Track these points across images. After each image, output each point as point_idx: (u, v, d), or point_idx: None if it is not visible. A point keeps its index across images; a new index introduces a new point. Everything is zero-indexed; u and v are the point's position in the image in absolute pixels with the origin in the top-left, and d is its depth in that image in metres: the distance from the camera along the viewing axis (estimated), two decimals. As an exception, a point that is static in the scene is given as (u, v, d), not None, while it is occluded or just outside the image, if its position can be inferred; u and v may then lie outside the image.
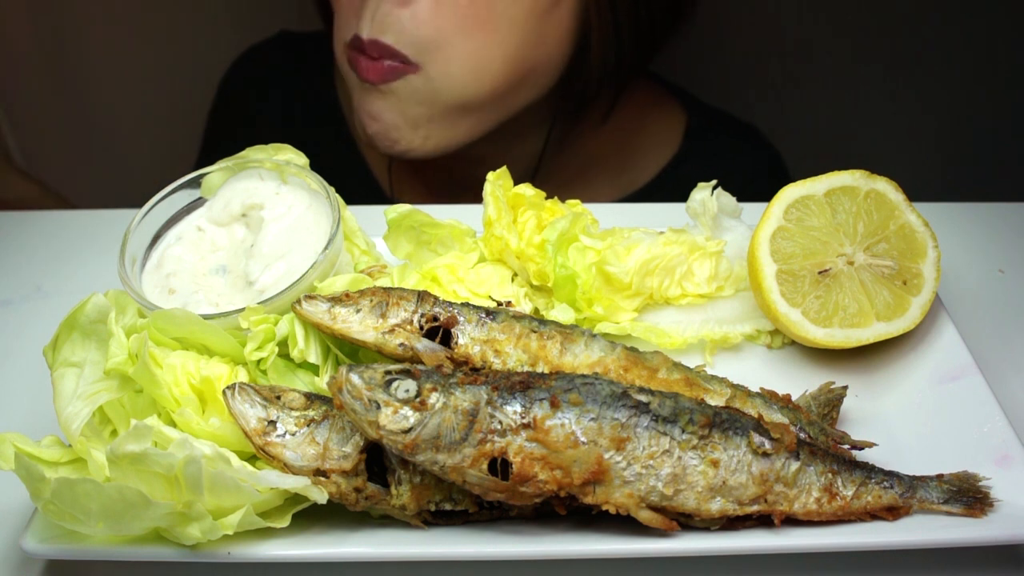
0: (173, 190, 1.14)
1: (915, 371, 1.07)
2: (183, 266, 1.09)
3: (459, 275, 1.12)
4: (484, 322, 0.99)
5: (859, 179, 1.13)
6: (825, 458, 0.90)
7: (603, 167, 1.74)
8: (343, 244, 1.11)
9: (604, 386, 0.88)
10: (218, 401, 0.92)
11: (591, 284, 1.12)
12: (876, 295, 1.08)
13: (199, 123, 1.95)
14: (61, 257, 1.37)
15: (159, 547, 0.85)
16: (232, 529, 0.83)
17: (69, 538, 0.86)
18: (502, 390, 0.86)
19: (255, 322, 0.99)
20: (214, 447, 0.85)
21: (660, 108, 1.76)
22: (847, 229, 1.11)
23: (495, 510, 0.90)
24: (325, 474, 0.88)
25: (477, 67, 1.44)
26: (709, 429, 0.88)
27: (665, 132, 1.74)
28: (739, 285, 1.17)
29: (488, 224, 1.14)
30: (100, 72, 2.23)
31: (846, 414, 1.04)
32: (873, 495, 0.89)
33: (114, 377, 0.92)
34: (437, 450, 0.84)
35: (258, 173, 1.15)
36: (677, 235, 1.16)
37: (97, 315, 0.93)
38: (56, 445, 0.92)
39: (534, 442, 0.84)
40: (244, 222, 1.12)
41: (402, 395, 0.85)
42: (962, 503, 0.89)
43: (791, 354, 1.13)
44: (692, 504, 0.86)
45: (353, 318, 0.98)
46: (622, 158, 1.73)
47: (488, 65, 1.44)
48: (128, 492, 0.79)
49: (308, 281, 1.03)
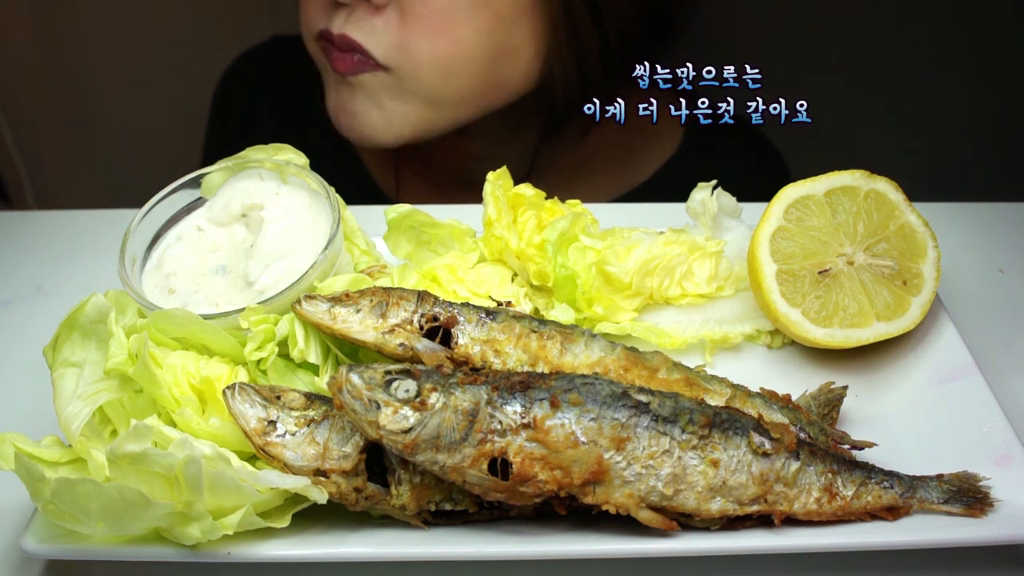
0: (173, 190, 1.14)
1: (915, 371, 1.07)
2: (183, 266, 1.09)
3: (459, 275, 1.12)
4: (484, 322, 0.99)
5: (859, 179, 1.13)
6: (825, 458, 0.90)
7: (603, 165, 1.73)
8: (343, 244, 1.11)
9: (604, 386, 0.88)
10: (218, 401, 0.92)
11: (591, 284, 1.12)
12: (876, 295, 1.08)
13: (200, 123, 1.95)
14: (61, 257, 1.37)
15: (159, 547, 0.85)
16: (232, 529, 0.83)
17: (69, 538, 0.85)
18: (502, 390, 0.86)
19: (255, 322, 0.99)
20: (214, 447, 0.85)
21: None
22: (847, 229, 1.11)
23: (495, 510, 0.90)
24: (325, 474, 0.88)
25: (445, 72, 1.46)
26: (709, 429, 0.88)
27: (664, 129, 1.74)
28: (739, 285, 1.17)
29: (488, 224, 1.14)
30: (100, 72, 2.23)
31: (846, 414, 1.04)
32: (873, 495, 0.89)
33: (114, 377, 0.92)
34: (437, 450, 0.84)
35: (258, 173, 1.15)
36: (677, 235, 1.16)
37: (97, 315, 0.93)
38: (56, 445, 0.92)
39: (534, 442, 0.84)
40: (244, 222, 1.12)
41: (402, 395, 0.85)
42: (962, 503, 0.89)
43: (791, 354, 1.13)
44: (692, 504, 0.86)
45: (353, 318, 0.98)
46: (621, 155, 1.73)
47: (456, 71, 1.47)
48: (128, 492, 0.79)
49: (308, 281, 1.03)
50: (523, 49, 1.49)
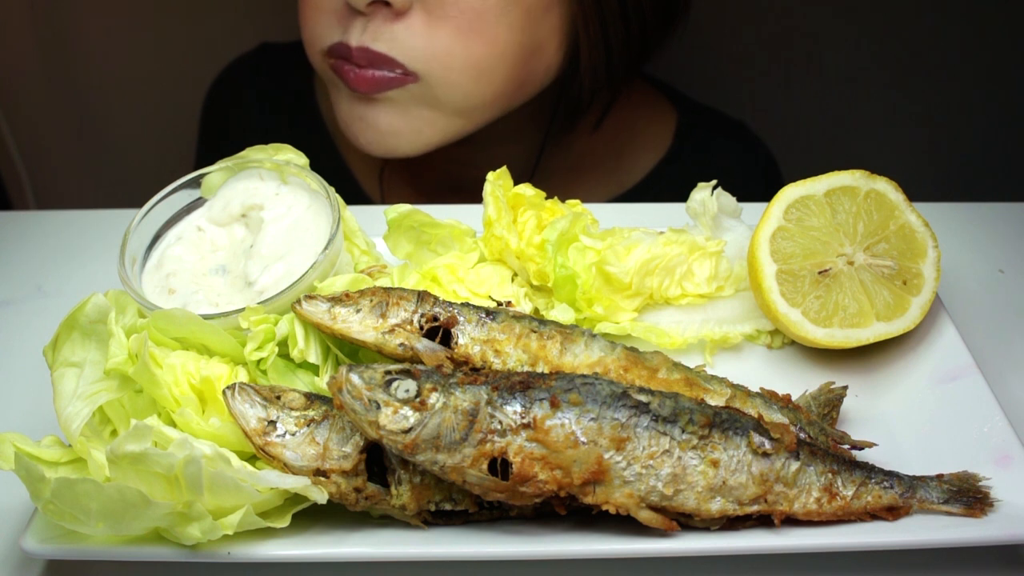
0: (173, 190, 1.14)
1: (915, 371, 1.07)
2: (183, 266, 1.09)
3: (459, 275, 1.12)
4: (484, 322, 0.99)
5: (859, 179, 1.13)
6: (825, 458, 0.90)
7: (594, 166, 1.72)
8: (343, 244, 1.11)
9: (604, 386, 0.88)
10: (218, 401, 0.92)
11: (591, 284, 1.12)
12: (876, 295, 1.08)
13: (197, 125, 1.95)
14: (61, 257, 1.37)
15: (159, 547, 0.85)
16: (232, 529, 0.83)
17: (69, 538, 0.85)
18: (502, 390, 0.86)
19: (255, 322, 0.98)
20: (214, 447, 0.85)
21: (650, 106, 1.75)
22: (847, 229, 1.11)
23: (495, 510, 0.90)
24: (325, 474, 0.88)
25: (478, 74, 1.40)
26: (709, 429, 0.88)
27: (656, 130, 1.73)
28: (739, 285, 1.17)
29: (488, 224, 1.14)
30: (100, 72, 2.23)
31: (846, 414, 1.04)
32: (873, 495, 0.89)
33: (114, 377, 0.92)
34: (437, 450, 0.84)
35: (258, 173, 1.15)
36: (677, 235, 1.16)
37: (97, 315, 0.93)
38: (56, 445, 0.92)
39: (534, 442, 0.84)
40: (244, 222, 1.12)
41: (402, 395, 0.85)
42: (962, 503, 0.89)
43: (791, 354, 1.13)
44: (692, 504, 0.86)
45: (353, 318, 0.98)
46: (613, 157, 1.72)
47: (489, 73, 1.40)
48: (128, 492, 0.79)
49: (308, 281, 1.03)
50: (549, 43, 1.45)
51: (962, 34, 2.11)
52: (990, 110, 2.20)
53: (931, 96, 2.19)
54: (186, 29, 2.19)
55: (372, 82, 1.39)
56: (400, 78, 1.39)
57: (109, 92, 2.25)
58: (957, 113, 2.20)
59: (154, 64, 2.20)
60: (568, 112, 1.59)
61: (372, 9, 1.35)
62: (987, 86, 2.16)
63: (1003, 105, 2.18)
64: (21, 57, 2.16)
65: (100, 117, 2.29)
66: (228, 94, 1.86)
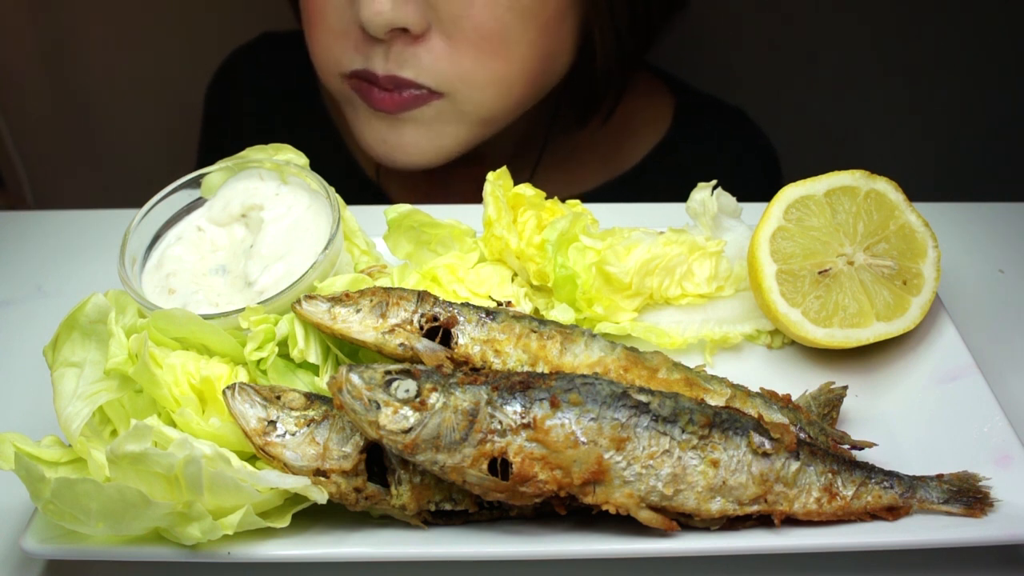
0: (173, 190, 1.14)
1: (915, 371, 1.07)
2: (183, 266, 1.09)
3: (459, 275, 1.12)
4: (484, 322, 0.99)
5: (859, 179, 1.13)
6: (825, 458, 0.90)
7: (591, 151, 1.73)
8: (343, 244, 1.11)
9: (604, 386, 0.88)
10: (218, 401, 0.92)
11: (591, 284, 1.12)
12: (876, 295, 1.08)
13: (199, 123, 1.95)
14: (61, 257, 1.37)
15: (159, 547, 0.85)
16: (232, 529, 0.83)
17: (69, 538, 0.85)
18: (502, 390, 0.86)
19: (255, 322, 0.98)
20: (214, 447, 0.85)
21: (648, 92, 1.77)
22: (847, 229, 1.11)
23: (495, 510, 0.90)
24: (325, 474, 0.88)
25: (500, 89, 1.43)
26: (709, 429, 0.88)
27: (653, 115, 1.74)
28: (739, 285, 1.17)
29: (488, 224, 1.14)
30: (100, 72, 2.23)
31: (846, 414, 1.04)
32: (873, 495, 0.89)
33: (114, 377, 0.92)
34: (437, 450, 0.84)
35: (258, 173, 1.15)
36: (677, 235, 1.16)
37: (97, 315, 0.93)
38: (56, 445, 0.92)
39: (534, 442, 0.84)
40: (244, 222, 1.12)
41: (402, 395, 0.85)
42: (962, 503, 0.89)
43: (791, 354, 1.13)
44: (692, 504, 0.86)
45: (353, 318, 0.98)
46: (610, 142, 1.73)
47: (511, 86, 1.44)
48: (128, 492, 0.79)
49: (308, 281, 1.03)
50: (565, 47, 1.48)
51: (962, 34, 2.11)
52: (990, 110, 2.20)
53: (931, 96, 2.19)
54: (186, 29, 2.19)
55: (399, 103, 1.42)
56: (426, 96, 1.42)
57: (109, 92, 2.25)
58: (957, 113, 2.20)
59: (154, 64, 2.20)
60: (581, 108, 1.62)
61: (391, 35, 1.37)
62: (987, 86, 2.16)
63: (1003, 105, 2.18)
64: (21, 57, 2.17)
65: (100, 117, 2.29)
66: (230, 83, 1.88)
